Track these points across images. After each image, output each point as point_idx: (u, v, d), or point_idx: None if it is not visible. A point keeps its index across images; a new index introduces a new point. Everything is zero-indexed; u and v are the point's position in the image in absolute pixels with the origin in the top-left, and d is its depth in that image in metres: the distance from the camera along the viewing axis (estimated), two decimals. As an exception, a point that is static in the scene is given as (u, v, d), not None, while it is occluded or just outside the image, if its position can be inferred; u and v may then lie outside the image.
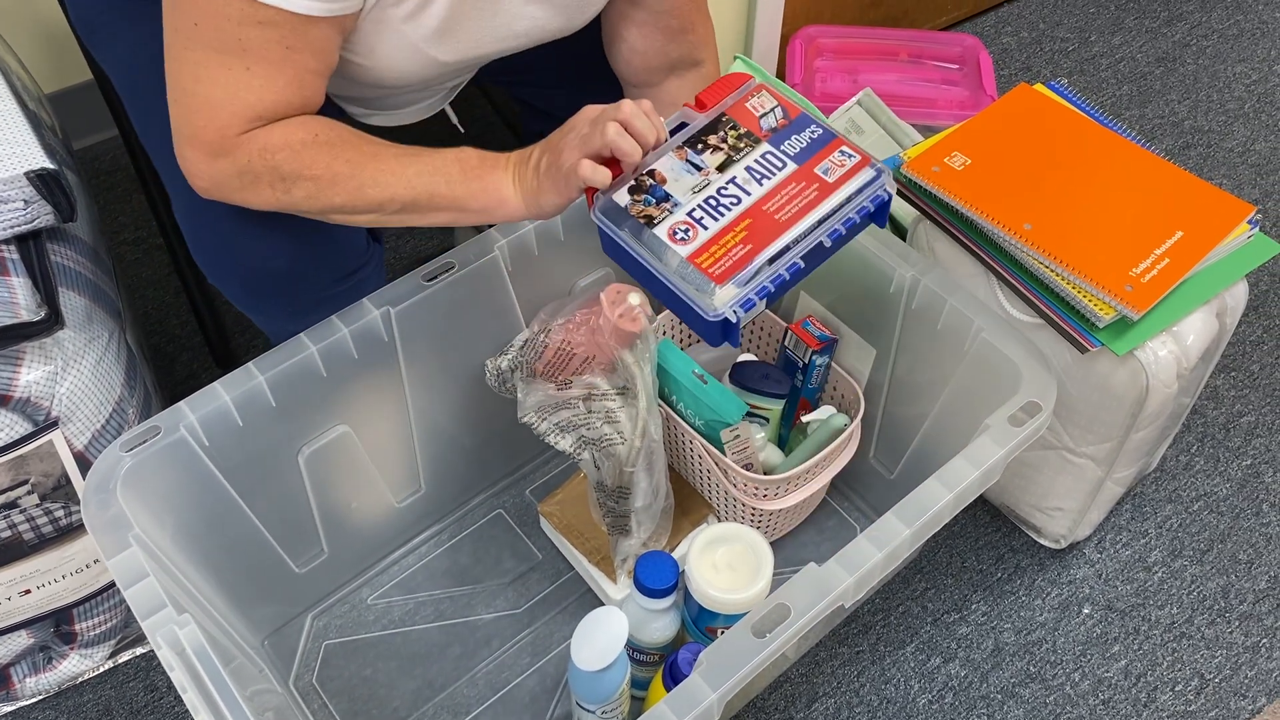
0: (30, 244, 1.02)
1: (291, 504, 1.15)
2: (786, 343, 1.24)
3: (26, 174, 0.98)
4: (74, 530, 1.10)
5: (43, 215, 1.01)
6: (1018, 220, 1.15)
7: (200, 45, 0.89)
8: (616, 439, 1.10)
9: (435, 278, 1.11)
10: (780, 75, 1.78)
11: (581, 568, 1.25)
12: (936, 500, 0.92)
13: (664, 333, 1.27)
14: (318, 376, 1.07)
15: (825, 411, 1.22)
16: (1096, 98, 1.92)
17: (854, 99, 1.54)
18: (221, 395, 1.02)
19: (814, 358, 1.21)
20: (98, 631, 1.20)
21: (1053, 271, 1.12)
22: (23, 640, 1.16)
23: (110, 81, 1.19)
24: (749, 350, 1.33)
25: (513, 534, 1.32)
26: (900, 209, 1.38)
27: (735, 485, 1.16)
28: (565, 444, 1.11)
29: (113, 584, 1.17)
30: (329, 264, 1.07)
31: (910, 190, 1.22)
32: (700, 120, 0.99)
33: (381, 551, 1.29)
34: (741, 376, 1.23)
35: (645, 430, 1.11)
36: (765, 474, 1.17)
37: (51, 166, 0.99)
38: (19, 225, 1.00)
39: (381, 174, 0.94)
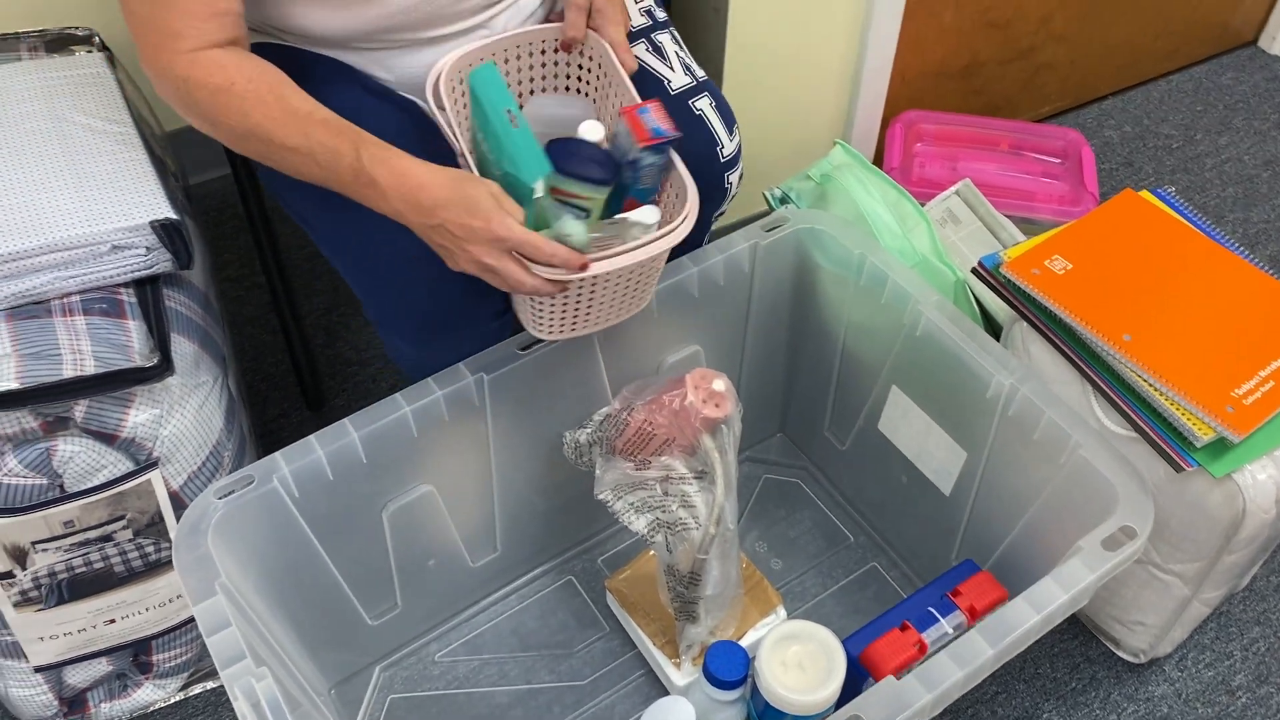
0: (147, 289, 1.06)
1: (371, 557, 1.16)
2: (617, 129, 1.02)
3: (151, 223, 1.02)
4: (161, 565, 1.13)
5: (161, 262, 1.05)
6: (1117, 330, 1.13)
7: None
8: (691, 524, 1.10)
9: (529, 348, 1.12)
10: (878, 158, 1.78)
11: (645, 648, 1.24)
12: (1023, 621, 0.91)
13: (504, 60, 1.08)
14: (409, 436, 1.09)
15: (649, 214, 1.00)
16: (1200, 198, 1.89)
17: (953, 189, 1.53)
18: (315, 449, 1.05)
19: (643, 155, 1.00)
20: (173, 664, 1.23)
21: (1151, 386, 1.10)
22: (102, 667, 1.19)
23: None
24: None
25: (580, 601, 1.33)
26: (997, 308, 1.37)
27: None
28: (640, 525, 1.11)
29: (192, 619, 1.20)
30: (490, 298, 1.09)
31: (1009, 291, 1.21)
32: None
33: (452, 609, 1.30)
34: (557, 154, 0.98)
35: (721, 518, 1.10)
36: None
37: (174, 217, 1.03)
38: (139, 271, 1.04)
39: (286, 151, 0.94)
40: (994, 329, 1.39)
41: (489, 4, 1.09)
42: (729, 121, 1.18)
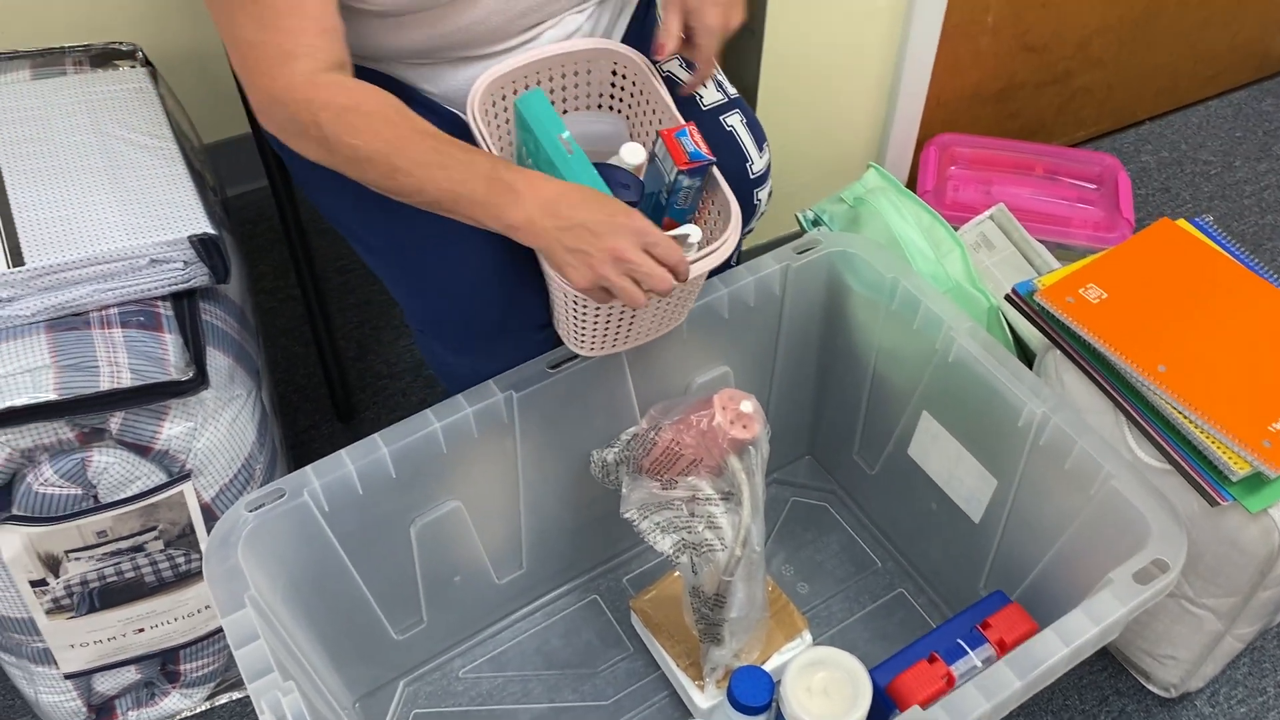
0: (184, 302, 1.07)
1: (398, 572, 1.17)
2: (656, 150, 1.05)
3: (189, 237, 1.03)
4: (191, 576, 1.14)
5: (199, 276, 1.06)
6: (1152, 361, 1.12)
7: None
8: (717, 545, 1.10)
9: (559, 366, 1.13)
10: (912, 181, 1.78)
11: (669, 670, 1.24)
12: (1051, 653, 0.90)
13: (537, 81, 1.09)
14: (438, 452, 1.10)
15: (691, 233, 1.03)
16: (1238, 225, 1.87)
17: (987, 213, 1.53)
18: (346, 464, 1.05)
19: (680, 178, 1.03)
20: (200, 673, 1.24)
21: (1186, 418, 1.09)
22: (130, 675, 1.20)
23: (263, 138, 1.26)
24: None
25: (605, 621, 1.32)
26: (1030, 335, 1.36)
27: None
28: (665, 545, 1.11)
29: (220, 630, 1.21)
30: (533, 310, 1.10)
31: (1043, 319, 1.20)
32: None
33: (477, 625, 1.30)
34: None
35: (747, 539, 1.10)
36: None
37: (213, 232, 1.05)
38: (176, 284, 1.05)
39: (416, 167, 0.95)
40: (1027, 355, 1.38)
41: (537, 22, 1.10)
42: (759, 138, 1.18)
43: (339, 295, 1.71)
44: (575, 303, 0.99)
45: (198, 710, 1.27)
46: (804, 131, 1.63)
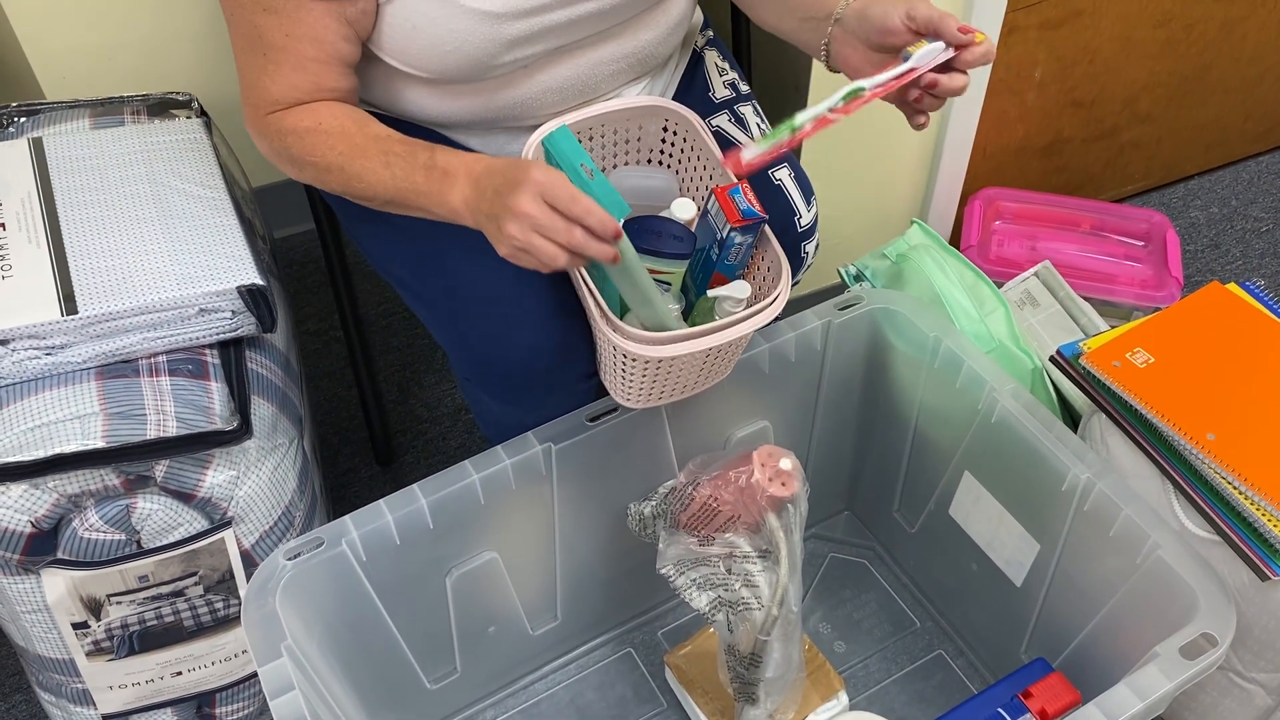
0: (231, 350, 1.09)
1: (433, 622, 1.17)
2: (709, 206, 1.05)
3: (238, 288, 1.05)
4: (229, 621, 1.15)
5: (246, 325, 1.08)
6: (1201, 429, 1.10)
7: (236, 33, 1.01)
8: (754, 604, 1.09)
9: (598, 418, 1.13)
10: (956, 234, 1.77)
11: (703, 727, 1.23)
12: (1095, 731, 0.88)
13: (589, 137, 1.11)
14: (475, 504, 1.10)
15: (740, 289, 1.03)
16: (1289, 284, 1.84)
17: (1031, 270, 1.52)
18: (384, 514, 1.06)
19: (732, 234, 1.03)
20: (236, 716, 1.24)
21: (1236, 489, 1.07)
22: (167, 717, 1.21)
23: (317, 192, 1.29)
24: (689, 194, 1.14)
25: (639, 675, 1.31)
26: (1075, 396, 1.34)
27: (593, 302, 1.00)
28: (701, 602, 1.10)
29: (256, 674, 1.21)
30: (580, 361, 1.11)
31: (1088, 382, 1.18)
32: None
33: (510, 676, 1.30)
34: (633, 231, 0.98)
35: (784, 599, 1.09)
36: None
37: (260, 283, 1.06)
38: (223, 333, 1.07)
39: (365, 171, 0.99)
40: (1072, 416, 1.37)
41: (592, 99, 1.11)
42: (807, 192, 1.19)
43: (382, 338, 1.73)
44: (624, 355, 1.00)
45: (231, 753, 1.28)
46: (848, 186, 1.63)
